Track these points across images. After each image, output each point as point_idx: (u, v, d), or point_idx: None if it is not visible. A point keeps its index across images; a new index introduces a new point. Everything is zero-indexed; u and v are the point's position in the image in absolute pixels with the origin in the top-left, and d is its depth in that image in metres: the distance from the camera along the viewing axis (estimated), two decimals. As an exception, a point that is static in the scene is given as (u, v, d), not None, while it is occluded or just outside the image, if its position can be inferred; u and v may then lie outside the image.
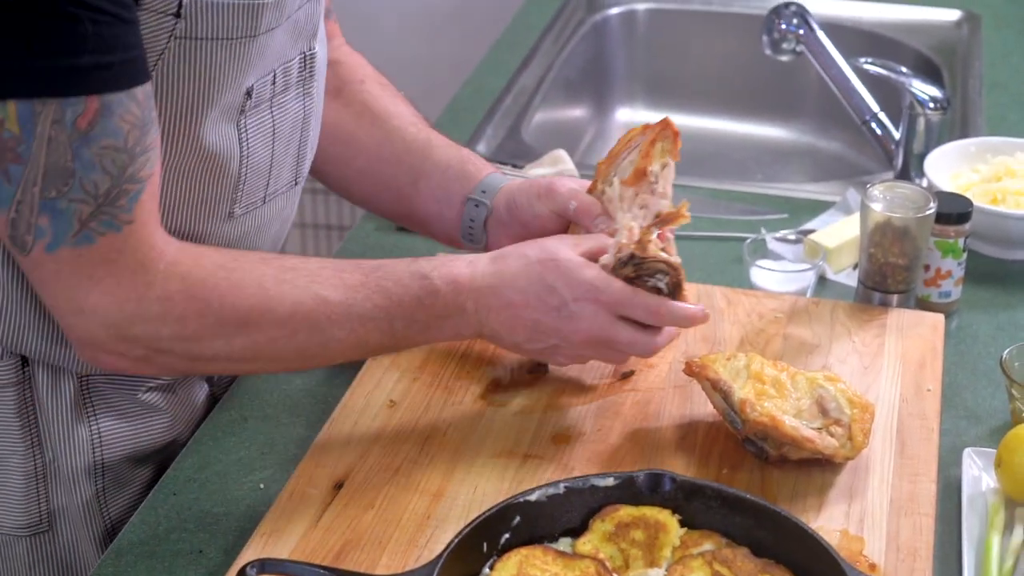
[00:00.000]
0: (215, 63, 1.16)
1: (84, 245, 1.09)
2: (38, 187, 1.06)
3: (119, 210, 1.09)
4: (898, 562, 1.16)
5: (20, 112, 1.04)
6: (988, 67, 2.17)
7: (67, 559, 1.34)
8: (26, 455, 1.29)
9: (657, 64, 2.39)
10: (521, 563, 1.09)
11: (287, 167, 1.33)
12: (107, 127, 1.06)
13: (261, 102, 1.25)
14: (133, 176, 1.09)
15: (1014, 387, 1.33)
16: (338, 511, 1.21)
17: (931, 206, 1.47)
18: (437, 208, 1.43)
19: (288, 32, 1.24)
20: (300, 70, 1.29)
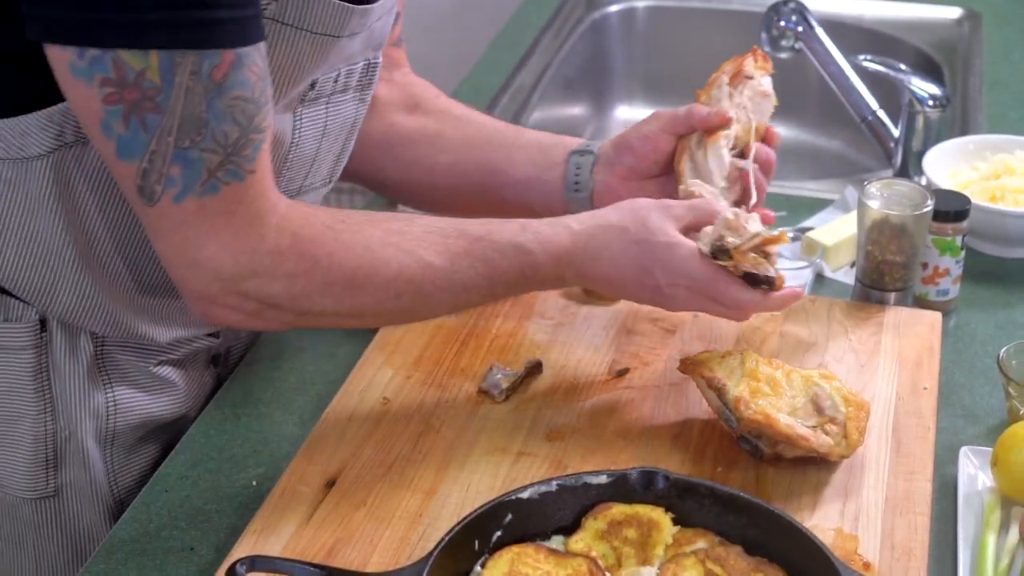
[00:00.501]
0: (296, 51, 1.20)
1: (209, 195, 1.11)
2: (172, 137, 1.08)
3: (244, 160, 1.11)
4: (893, 561, 1.15)
5: (162, 63, 1.06)
6: (989, 65, 2.16)
7: (73, 526, 1.35)
8: (37, 419, 1.30)
9: (656, 61, 2.38)
10: (513, 561, 1.09)
11: (327, 164, 1.36)
12: (238, 78, 1.09)
13: (321, 96, 1.29)
14: (258, 126, 1.12)
15: (1011, 385, 1.32)
16: (330, 509, 1.20)
17: (928, 204, 1.46)
18: (536, 172, 1.45)
19: (363, 39, 1.28)
20: (362, 75, 1.33)
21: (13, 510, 1.33)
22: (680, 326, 1.45)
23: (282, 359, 1.45)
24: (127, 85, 1.06)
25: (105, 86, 1.06)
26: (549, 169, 1.44)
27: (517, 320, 1.46)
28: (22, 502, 1.33)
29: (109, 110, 1.07)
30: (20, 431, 1.30)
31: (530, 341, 1.43)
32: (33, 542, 1.35)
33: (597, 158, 1.42)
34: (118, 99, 1.06)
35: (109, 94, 1.06)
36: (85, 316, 1.26)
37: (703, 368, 1.27)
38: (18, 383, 1.28)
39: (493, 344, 1.42)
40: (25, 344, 1.27)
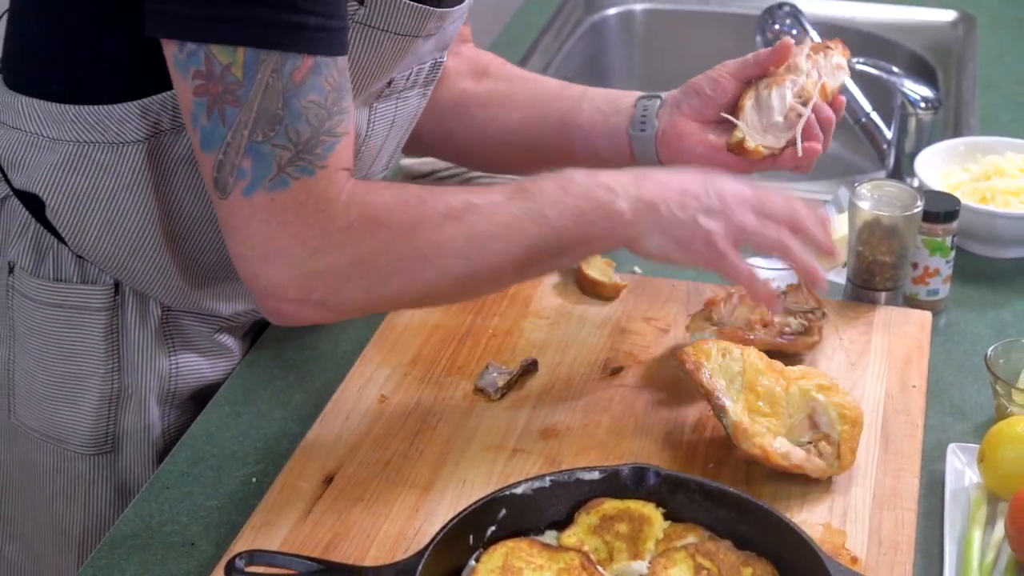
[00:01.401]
0: (380, 52, 1.26)
1: (278, 189, 1.15)
2: (248, 130, 1.13)
3: (315, 157, 1.16)
4: (880, 555, 1.17)
5: (247, 59, 1.11)
6: (982, 67, 2.18)
7: (124, 480, 1.42)
8: (106, 377, 1.36)
9: (654, 63, 2.40)
10: (507, 555, 1.11)
11: (388, 153, 1.43)
12: (315, 84, 1.14)
13: (394, 92, 1.35)
14: (331, 130, 1.16)
15: (998, 384, 1.34)
16: (328, 504, 1.23)
17: (918, 204, 1.48)
18: (603, 117, 1.48)
19: (436, 39, 1.34)
20: (429, 72, 1.39)
21: (69, 465, 1.40)
22: (674, 324, 1.47)
23: (282, 358, 1.47)
24: (214, 78, 1.12)
25: (196, 78, 1.12)
26: (616, 114, 1.47)
27: (513, 319, 1.48)
28: (79, 457, 1.39)
29: (197, 102, 1.13)
30: (88, 388, 1.37)
31: (526, 340, 1.45)
32: (84, 496, 1.41)
33: (664, 101, 1.46)
34: (204, 91, 1.12)
35: (198, 86, 1.13)
36: (157, 289, 1.35)
37: (702, 372, 1.27)
38: (91, 342, 1.35)
39: (490, 342, 1.45)
40: (100, 306, 1.34)
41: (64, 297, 1.34)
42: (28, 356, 1.37)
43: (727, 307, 1.38)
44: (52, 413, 1.38)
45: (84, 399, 1.37)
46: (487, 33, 2.39)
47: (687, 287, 1.53)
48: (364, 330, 1.48)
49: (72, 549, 1.44)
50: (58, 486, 1.41)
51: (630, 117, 1.46)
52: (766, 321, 1.37)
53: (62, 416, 1.38)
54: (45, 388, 1.37)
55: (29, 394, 1.39)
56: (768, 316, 1.38)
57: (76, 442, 1.39)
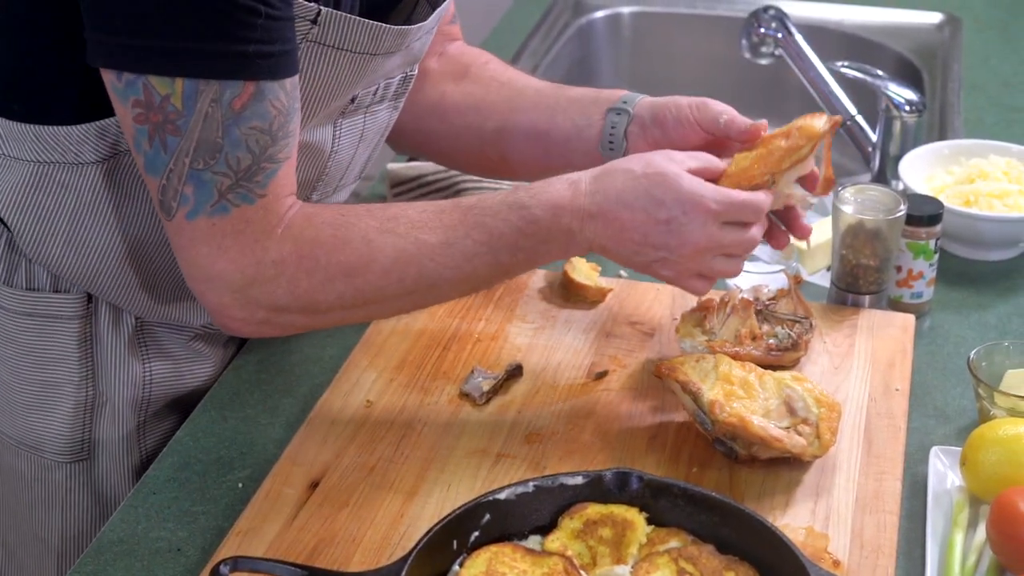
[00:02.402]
0: (337, 70, 1.26)
1: (219, 215, 1.17)
2: (188, 158, 1.15)
3: (255, 185, 1.18)
4: (862, 559, 1.18)
5: (186, 89, 1.13)
6: (967, 70, 2.19)
7: (101, 487, 1.42)
8: (80, 385, 1.37)
9: (642, 66, 2.41)
10: (490, 560, 1.11)
11: (359, 164, 1.43)
12: (257, 110, 1.15)
13: (360, 108, 1.35)
14: (272, 156, 1.18)
15: (981, 387, 1.35)
16: (313, 510, 1.23)
17: (902, 208, 1.49)
18: (575, 129, 1.46)
19: (402, 56, 1.33)
20: (398, 87, 1.39)
21: (46, 473, 1.41)
22: (658, 329, 1.48)
23: (269, 362, 1.47)
24: (153, 108, 1.13)
25: (136, 107, 1.14)
26: (587, 127, 1.46)
27: (499, 324, 1.49)
28: (56, 465, 1.40)
29: (138, 128, 1.15)
30: (62, 396, 1.37)
31: (511, 344, 1.46)
32: (62, 504, 1.42)
33: (632, 118, 1.43)
34: (145, 119, 1.14)
35: (138, 115, 1.14)
36: (125, 302, 1.35)
37: (678, 372, 1.29)
38: (64, 351, 1.36)
39: (475, 347, 1.45)
40: (73, 314, 1.35)
41: (37, 306, 1.34)
42: (3, 365, 1.38)
43: (720, 316, 1.39)
44: (28, 421, 1.39)
45: (59, 407, 1.37)
46: (476, 36, 2.40)
47: (672, 291, 1.54)
48: (350, 335, 1.49)
49: (52, 557, 1.44)
50: (36, 494, 1.42)
51: (600, 132, 1.44)
52: (755, 334, 1.38)
53: (37, 424, 1.38)
54: (20, 396, 1.38)
55: (5, 403, 1.39)
56: (758, 329, 1.38)
57: (52, 450, 1.39)
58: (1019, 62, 2.23)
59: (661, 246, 1.26)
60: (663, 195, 1.25)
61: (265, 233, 1.19)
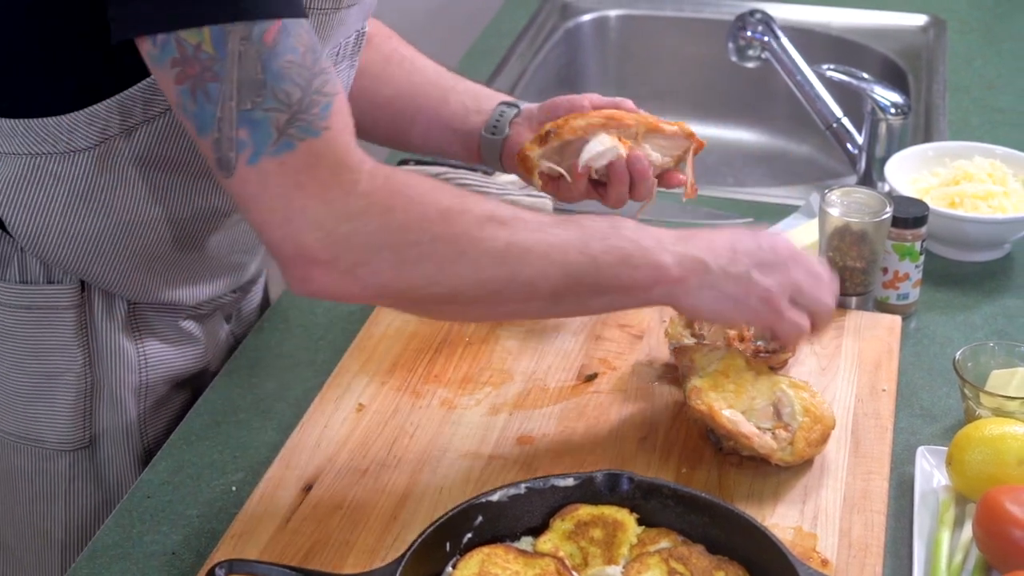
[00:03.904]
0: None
1: (285, 152, 1.12)
2: (234, 101, 1.11)
3: (315, 117, 1.13)
4: (850, 558, 1.19)
5: (214, 34, 1.10)
6: (952, 72, 2.21)
7: (104, 475, 1.43)
8: (79, 373, 1.37)
9: (629, 69, 2.42)
10: (483, 562, 1.13)
11: None
12: (288, 45, 1.12)
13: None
14: (319, 89, 1.13)
15: (966, 387, 1.36)
16: (307, 513, 1.24)
17: (887, 210, 1.50)
18: (464, 114, 1.49)
19: (359, 10, 1.33)
20: (354, 44, 1.39)
21: (48, 464, 1.41)
22: (648, 331, 1.49)
23: (261, 366, 1.49)
24: (188, 61, 1.11)
25: (174, 66, 1.12)
26: (476, 114, 1.49)
27: (489, 327, 1.50)
28: (58, 455, 1.41)
29: (180, 90, 1.12)
30: (62, 385, 1.38)
31: (502, 347, 1.47)
32: (65, 495, 1.43)
33: (520, 112, 1.48)
34: (184, 76, 1.12)
35: (178, 74, 1.12)
36: (120, 287, 1.36)
37: (684, 357, 1.33)
38: (62, 340, 1.36)
39: (465, 350, 1.46)
40: (68, 304, 1.35)
41: (32, 299, 1.35)
42: (1, 360, 1.39)
43: None
44: (28, 414, 1.39)
45: (59, 396, 1.38)
46: (462, 40, 2.42)
47: (661, 293, 1.55)
48: (342, 339, 1.50)
49: (55, 551, 1.45)
50: (37, 487, 1.43)
51: (486, 120, 1.48)
52: (744, 336, 1.39)
53: (39, 415, 1.39)
54: (20, 388, 1.39)
55: (4, 397, 1.40)
56: (746, 331, 1.40)
57: (54, 440, 1.40)
58: (1003, 64, 2.25)
59: (755, 250, 1.26)
60: (749, 244, 1.28)
61: (346, 166, 1.14)
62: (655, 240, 1.24)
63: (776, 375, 1.32)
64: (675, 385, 1.40)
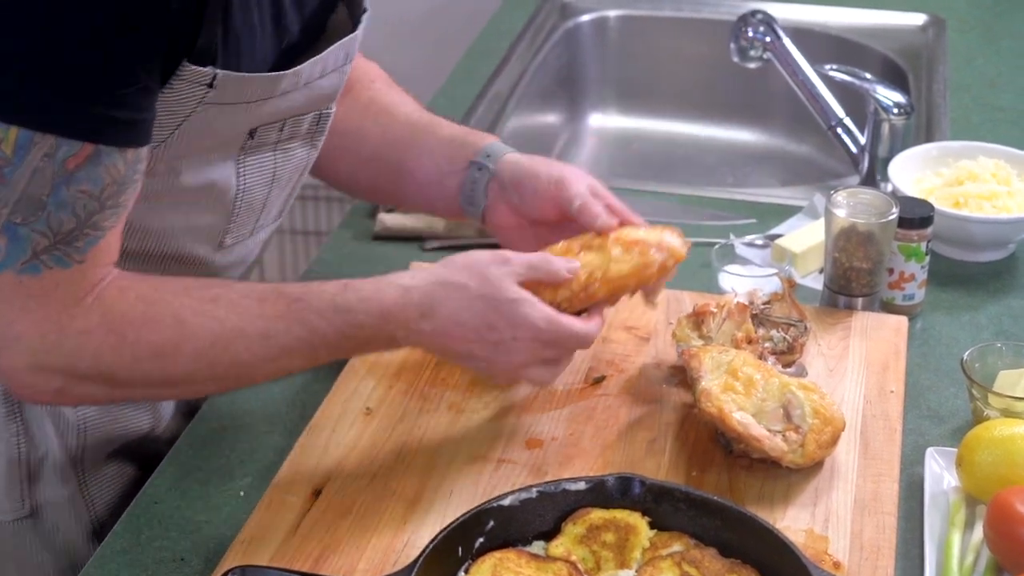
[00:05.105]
0: (232, 121, 1.23)
1: (29, 274, 1.11)
2: (7, 209, 1.09)
3: (74, 251, 1.11)
4: (862, 560, 1.19)
5: (19, 138, 1.07)
6: (953, 71, 2.21)
7: (53, 542, 1.38)
8: (11, 443, 1.33)
9: (629, 70, 2.42)
10: (495, 566, 1.12)
11: (277, 206, 1.38)
12: (90, 174, 1.09)
13: (265, 145, 1.30)
14: (97, 224, 1.12)
15: (974, 388, 1.36)
16: (316, 518, 1.24)
17: (894, 211, 1.50)
18: (438, 177, 1.46)
19: (307, 95, 1.29)
20: (312, 124, 1.34)
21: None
22: (654, 333, 1.49)
23: (266, 371, 1.48)
24: None
25: None
26: (450, 175, 1.45)
27: (496, 330, 1.49)
28: (1, 524, 1.35)
29: None
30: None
31: (509, 350, 1.46)
32: (14, 560, 1.38)
33: (493, 176, 1.42)
34: None
35: None
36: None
37: (694, 359, 1.32)
38: None
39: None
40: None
41: None
42: None
43: (716, 321, 1.40)
44: None
45: None
46: (461, 41, 2.41)
47: (666, 295, 1.54)
48: (348, 342, 1.49)
49: None
50: None
51: (460, 184, 1.44)
52: (751, 338, 1.39)
53: None
54: None
55: None
56: (753, 333, 1.40)
57: None
58: (1003, 63, 2.25)
59: (484, 359, 1.26)
60: (496, 320, 1.24)
61: (74, 300, 1.13)
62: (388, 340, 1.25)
63: (786, 377, 1.31)
64: (683, 387, 1.39)
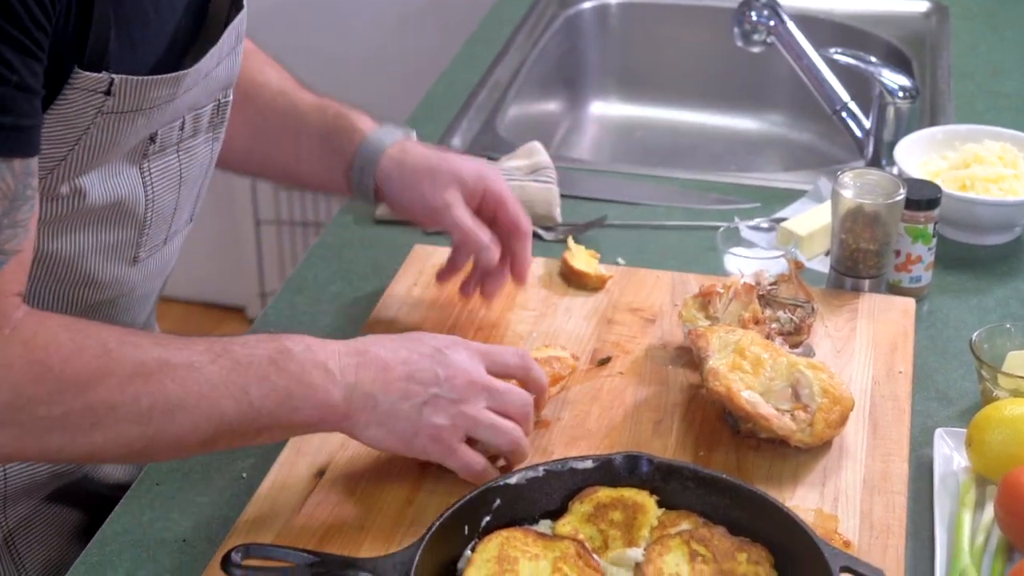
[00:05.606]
0: (134, 128, 1.17)
1: None
2: None
3: None
4: (872, 539, 1.18)
5: None
6: (956, 57, 2.20)
7: None
8: None
9: (630, 57, 2.41)
10: (502, 544, 1.11)
11: (188, 208, 1.33)
12: None
13: (167, 146, 1.24)
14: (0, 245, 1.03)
15: (984, 368, 1.35)
16: (320, 498, 1.22)
17: (901, 192, 1.49)
18: (327, 177, 1.45)
19: (204, 87, 1.24)
20: (212, 116, 1.29)
21: None
22: (660, 315, 1.48)
23: (268, 353, 1.46)
24: None
25: None
26: (337, 180, 1.44)
27: (500, 312, 1.48)
28: None
29: None
30: None
31: (513, 332, 1.45)
32: None
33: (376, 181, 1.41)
34: None
35: None
36: None
37: (701, 339, 1.31)
38: None
39: (476, 335, 1.45)
40: None
41: None
42: None
43: (723, 301, 1.39)
44: None
45: None
46: (461, 29, 2.40)
47: (671, 277, 1.54)
48: (349, 324, 1.48)
49: None
50: None
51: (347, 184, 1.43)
52: (758, 318, 1.38)
53: None
54: None
55: None
56: (760, 314, 1.38)
57: None
58: (1007, 50, 2.24)
59: (431, 380, 1.17)
60: (422, 336, 1.21)
61: None
62: (323, 372, 1.14)
63: (794, 356, 1.30)
64: (689, 368, 1.38)
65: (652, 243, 1.68)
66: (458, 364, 1.18)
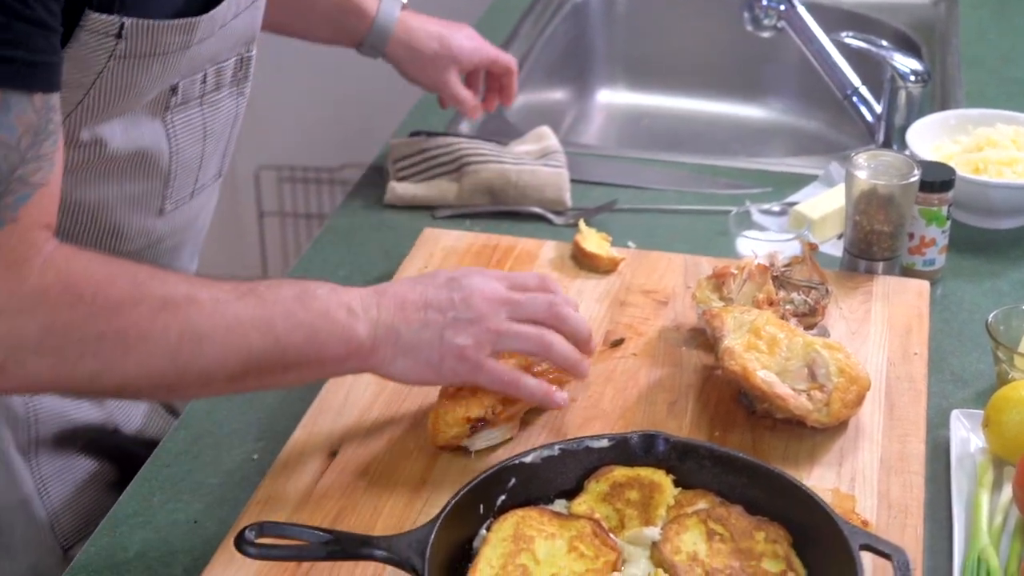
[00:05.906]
0: (149, 75, 1.18)
1: None
2: None
3: (5, 208, 1.04)
4: (890, 518, 1.17)
5: None
6: (965, 44, 2.19)
7: (13, 548, 1.32)
8: None
9: (638, 45, 2.40)
10: (518, 524, 1.10)
11: (215, 162, 1.34)
12: (2, 122, 1.02)
13: (190, 99, 1.25)
14: (23, 178, 1.04)
15: (1000, 349, 1.34)
16: (332, 479, 1.21)
17: (915, 173, 1.48)
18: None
19: (222, 39, 1.24)
20: (235, 71, 1.30)
21: None
22: (672, 296, 1.47)
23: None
24: None
25: None
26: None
27: (511, 294, 1.47)
28: None
29: None
30: None
31: (525, 314, 1.44)
32: None
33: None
34: None
35: None
36: None
37: (716, 319, 1.30)
38: None
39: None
40: None
41: None
42: None
43: (736, 282, 1.38)
44: None
45: None
46: (468, 17, 2.38)
47: (684, 260, 1.53)
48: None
49: None
50: None
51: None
52: (772, 300, 1.37)
53: None
54: None
55: None
56: (774, 295, 1.37)
57: None
58: (1017, 37, 2.23)
59: (447, 305, 1.19)
60: (437, 271, 1.23)
61: (21, 261, 1.04)
62: (347, 310, 1.15)
63: (809, 336, 1.29)
64: (703, 350, 1.37)
65: (662, 227, 1.67)
66: (473, 286, 1.20)
